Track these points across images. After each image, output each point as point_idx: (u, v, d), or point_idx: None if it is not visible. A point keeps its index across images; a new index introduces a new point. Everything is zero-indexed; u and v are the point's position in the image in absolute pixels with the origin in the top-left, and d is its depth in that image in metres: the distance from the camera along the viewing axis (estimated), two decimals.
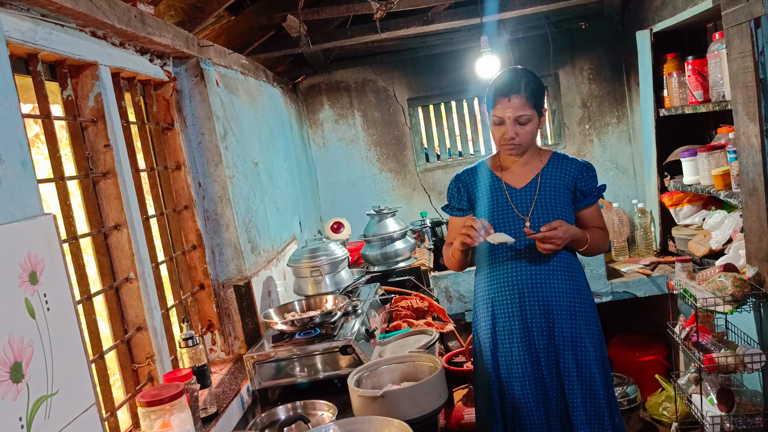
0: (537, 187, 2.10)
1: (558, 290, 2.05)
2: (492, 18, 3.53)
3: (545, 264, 2.06)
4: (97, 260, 1.79)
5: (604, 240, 2.16)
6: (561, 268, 2.07)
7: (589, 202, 2.13)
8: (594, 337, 2.08)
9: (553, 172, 2.12)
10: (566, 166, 2.13)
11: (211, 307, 2.37)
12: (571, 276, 2.08)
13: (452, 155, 4.68)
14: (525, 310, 2.05)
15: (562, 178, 2.11)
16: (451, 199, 2.24)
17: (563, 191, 2.10)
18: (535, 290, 2.05)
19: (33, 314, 1.15)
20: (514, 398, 2.06)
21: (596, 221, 2.16)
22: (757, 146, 2.27)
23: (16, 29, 1.42)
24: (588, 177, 2.12)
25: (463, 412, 2.39)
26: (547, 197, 2.09)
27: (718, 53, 2.73)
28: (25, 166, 1.23)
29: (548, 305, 2.04)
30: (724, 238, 2.92)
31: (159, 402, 1.48)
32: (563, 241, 1.98)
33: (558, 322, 2.04)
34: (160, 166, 2.23)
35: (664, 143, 3.46)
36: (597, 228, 2.15)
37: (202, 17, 2.40)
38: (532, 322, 2.05)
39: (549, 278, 2.06)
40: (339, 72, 4.47)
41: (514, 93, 1.99)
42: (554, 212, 2.06)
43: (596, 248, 2.12)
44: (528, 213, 2.07)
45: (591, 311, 2.11)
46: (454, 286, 3.66)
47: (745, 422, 2.34)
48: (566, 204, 2.10)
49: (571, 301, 2.06)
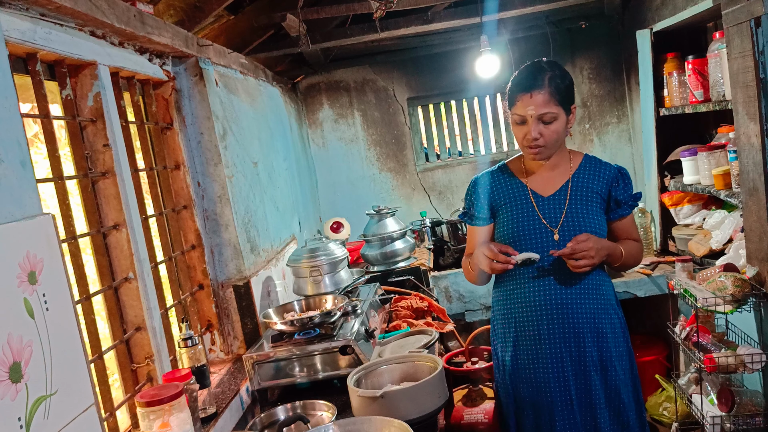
0: (567, 194, 1.89)
1: (587, 311, 1.87)
2: (492, 17, 3.53)
3: (575, 282, 1.87)
4: (96, 260, 1.78)
5: (639, 253, 1.97)
6: (591, 286, 1.88)
7: (624, 213, 1.93)
8: (623, 359, 1.91)
9: (585, 177, 1.91)
10: (599, 172, 1.92)
11: (211, 307, 2.37)
12: (601, 294, 1.90)
13: (452, 155, 4.68)
14: (554, 334, 1.87)
15: (595, 185, 1.90)
16: (470, 206, 2.02)
17: (595, 200, 1.89)
18: (565, 312, 1.86)
19: (32, 314, 1.15)
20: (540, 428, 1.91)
21: (631, 233, 1.96)
22: (757, 146, 2.27)
23: (15, 29, 1.41)
24: (623, 184, 1.92)
25: (463, 412, 2.39)
26: (579, 206, 1.88)
27: (718, 53, 2.73)
28: (24, 165, 1.23)
29: (578, 328, 1.86)
30: (725, 238, 2.91)
31: (158, 402, 1.48)
32: (598, 255, 1.78)
33: (588, 346, 1.86)
34: (159, 165, 2.23)
35: (665, 143, 3.46)
36: (631, 240, 1.95)
37: (202, 16, 2.39)
38: (562, 347, 1.86)
39: (579, 298, 1.86)
40: (338, 71, 4.47)
41: (536, 88, 1.77)
42: (586, 223, 1.86)
43: (631, 263, 1.94)
44: (557, 225, 1.87)
45: (620, 330, 1.92)
46: (454, 286, 3.66)
47: (745, 422, 2.34)
48: (598, 214, 1.90)
49: (599, 321, 1.88)
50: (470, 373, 2.41)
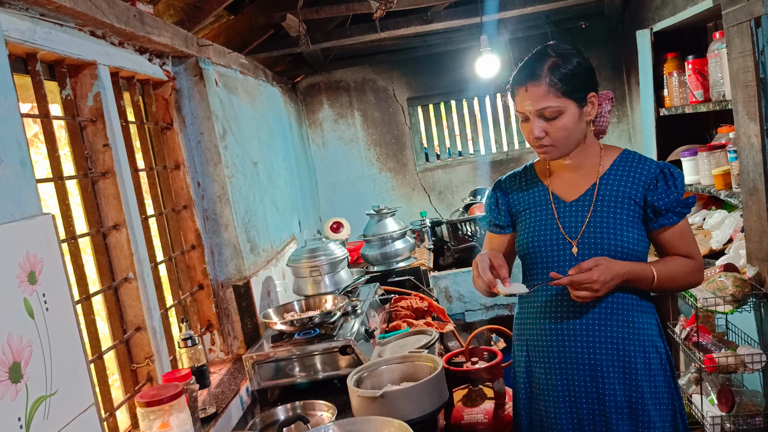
0: (593, 200, 1.60)
1: (610, 340, 1.56)
2: (492, 17, 3.54)
3: (594, 305, 1.57)
4: (96, 260, 1.78)
5: (690, 273, 1.59)
6: (616, 311, 1.57)
7: (665, 222, 1.57)
8: (662, 403, 1.57)
9: (617, 179, 1.60)
10: (635, 172, 1.59)
11: (210, 307, 2.37)
12: (630, 320, 1.57)
13: (452, 155, 4.68)
14: (568, 365, 1.59)
15: (629, 189, 1.58)
16: (489, 211, 1.79)
17: (629, 206, 1.57)
18: (580, 340, 1.58)
19: (32, 314, 1.15)
20: None
21: (680, 247, 1.59)
22: (757, 146, 2.26)
23: (15, 29, 1.41)
24: (665, 187, 1.55)
25: (463, 412, 2.39)
26: (605, 215, 1.57)
27: (718, 53, 2.73)
28: (23, 165, 1.23)
29: (596, 360, 1.57)
30: (725, 238, 2.91)
31: (158, 402, 1.48)
32: (603, 287, 1.47)
33: (609, 382, 1.56)
34: (159, 165, 2.23)
35: (665, 143, 3.45)
36: (680, 257, 1.59)
37: (201, 16, 2.39)
38: (576, 381, 1.59)
39: (598, 324, 1.57)
40: (338, 71, 4.47)
41: (532, 80, 1.53)
42: (611, 236, 1.56)
43: (676, 286, 1.61)
44: (577, 236, 1.59)
45: (658, 367, 1.58)
46: (454, 286, 3.66)
47: (745, 422, 2.34)
48: (630, 225, 1.57)
49: (628, 355, 1.56)
50: (470, 373, 2.40)
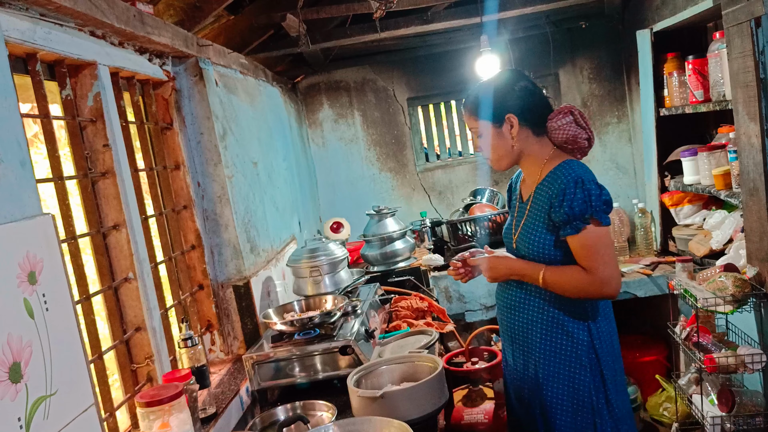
0: (528, 204, 1.85)
1: (530, 318, 1.83)
2: (492, 17, 3.53)
3: (519, 287, 1.85)
4: (95, 260, 1.78)
5: (580, 284, 1.71)
6: (536, 293, 1.81)
7: (564, 234, 1.73)
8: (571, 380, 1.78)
9: (543, 190, 1.79)
10: (550, 186, 1.76)
11: (210, 308, 2.37)
12: (547, 303, 1.79)
13: (452, 155, 4.68)
14: (507, 334, 1.93)
15: (545, 200, 1.77)
16: (507, 202, 2.12)
17: (544, 215, 1.77)
18: (510, 313, 1.89)
19: (32, 314, 1.15)
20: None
21: (581, 259, 1.72)
22: (757, 146, 2.26)
23: (15, 29, 1.41)
24: (561, 202, 1.70)
25: (463, 412, 2.39)
26: (531, 220, 1.82)
27: (718, 53, 2.72)
28: (23, 165, 1.23)
29: (519, 333, 1.87)
30: (725, 238, 2.91)
31: (158, 402, 1.48)
32: (490, 273, 1.87)
33: (533, 356, 1.83)
34: (159, 165, 2.23)
35: (665, 143, 3.45)
36: (580, 267, 1.72)
37: (201, 16, 2.39)
38: (513, 351, 1.91)
39: (523, 303, 1.85)
40: (338, 71, 4.47)
41: (464, 106, 1.93)
42: (531, 239, 1.80)
43: (565, 292, 1.75)
44: (516, 232, 1.88)
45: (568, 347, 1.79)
46: (454, 286, 3.65)
47: (745, 422, 2.34)
48: (546, 230, 1.77)
49: (543, 333, 1.81)
50: (470, 373, 2.40)
